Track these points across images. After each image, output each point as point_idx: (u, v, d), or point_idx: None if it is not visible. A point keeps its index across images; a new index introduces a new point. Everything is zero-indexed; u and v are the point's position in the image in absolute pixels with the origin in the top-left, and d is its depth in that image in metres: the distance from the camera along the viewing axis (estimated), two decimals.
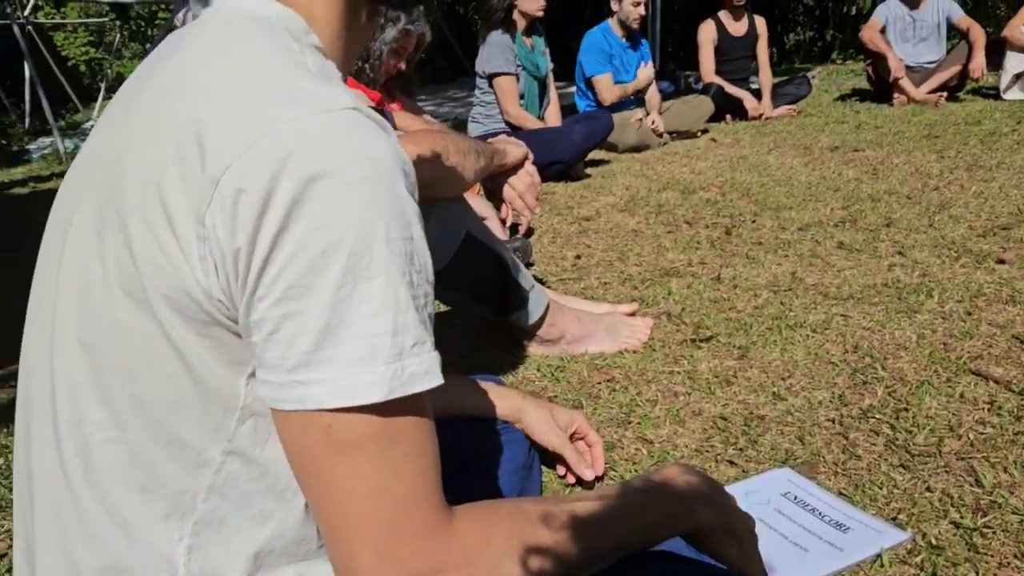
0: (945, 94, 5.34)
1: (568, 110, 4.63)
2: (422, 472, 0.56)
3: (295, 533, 0.64)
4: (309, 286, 0.52)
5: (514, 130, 3.83)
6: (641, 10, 4.56)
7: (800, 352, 1.69)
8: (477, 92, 3.94)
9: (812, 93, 6.38)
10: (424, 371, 0.55)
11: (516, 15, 3.78)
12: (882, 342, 1.71)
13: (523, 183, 1.74)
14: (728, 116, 5.37)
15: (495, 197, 1.78)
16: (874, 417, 1.40)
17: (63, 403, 0.63)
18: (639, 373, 1.67)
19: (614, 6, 4.63)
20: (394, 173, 0.56)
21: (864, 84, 6.10)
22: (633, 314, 1.94)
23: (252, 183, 0.53)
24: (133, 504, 0.61)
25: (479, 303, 1.71)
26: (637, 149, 4.49)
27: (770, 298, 2.01)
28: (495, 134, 3.74)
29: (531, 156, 1.78)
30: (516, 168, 1.75)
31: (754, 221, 2.76)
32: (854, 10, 9.74)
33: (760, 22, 5.58)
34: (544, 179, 3.73)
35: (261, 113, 0.55)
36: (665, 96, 7.96)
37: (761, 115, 5.28)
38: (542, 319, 1.74)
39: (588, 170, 3.96)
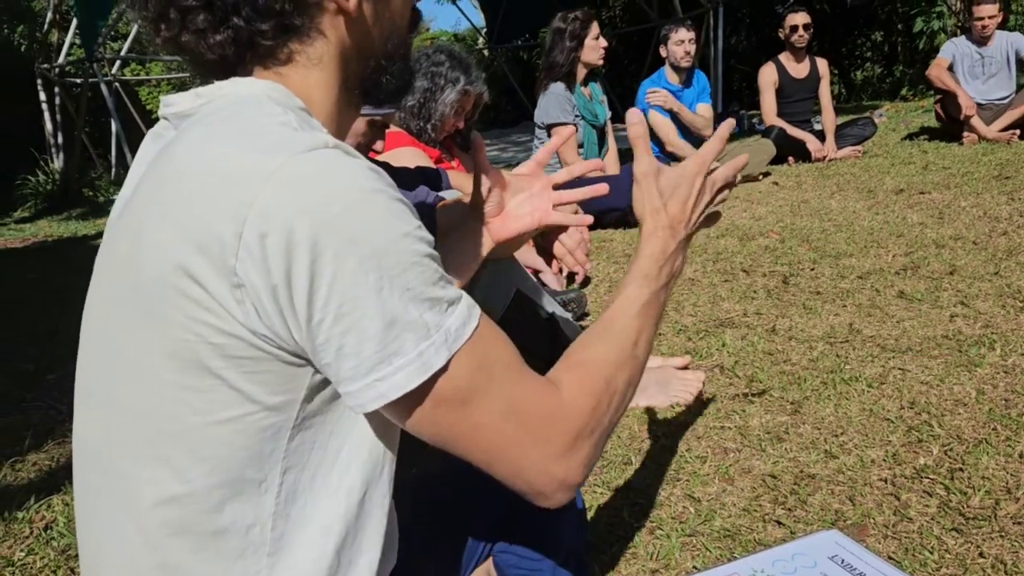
0: (1017, 132, 5.20)
1: (628, 154, 4.68)
2: (519, 373, 0.70)
3: (349, 525, 0.72)
4: (357, 298, 0.60)
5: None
6: (687, 47, 4.61)
7: (855, 408, 1.68)
8: (536, 142, 4.02)
9: (879, 132, 6.30)
10: (463, 322, 0.65)
11: (580, 65, 3.86)
12: (940, 398, 1.68)
13: (573, 240, 1.77)
14: (791, 158, 5.34)
15: (546, 253, 1.83)
16: (928, 477, 1.38)
17: (124, 468, 0.69)
18: (689, 428, 1.68)
19: (663, 52, 4.69)
20: (384, 185, 0.64)
21: (933, 122, 5.99)
22: (685, 367, 1.95)
23: (271, 226, 0.59)
24: (208, 552, 0.67)
25: (530, 356, 1.75)
26: None
27: (826, 350, 2.00)
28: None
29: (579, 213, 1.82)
30: (566, 226, 1.79)
31: (813, 269, 2.74)
32: (924, 45, 9.56)
33: (822, 63, 5.55)
34: (602, 226, 3.79)
35: (254, 168, 0.62)
36: (730, 138, 7.99)
37: (824, 157, 5.24)
38: None
39: None
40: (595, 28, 3.82)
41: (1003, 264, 2.54)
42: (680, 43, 4.61)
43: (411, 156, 2.37)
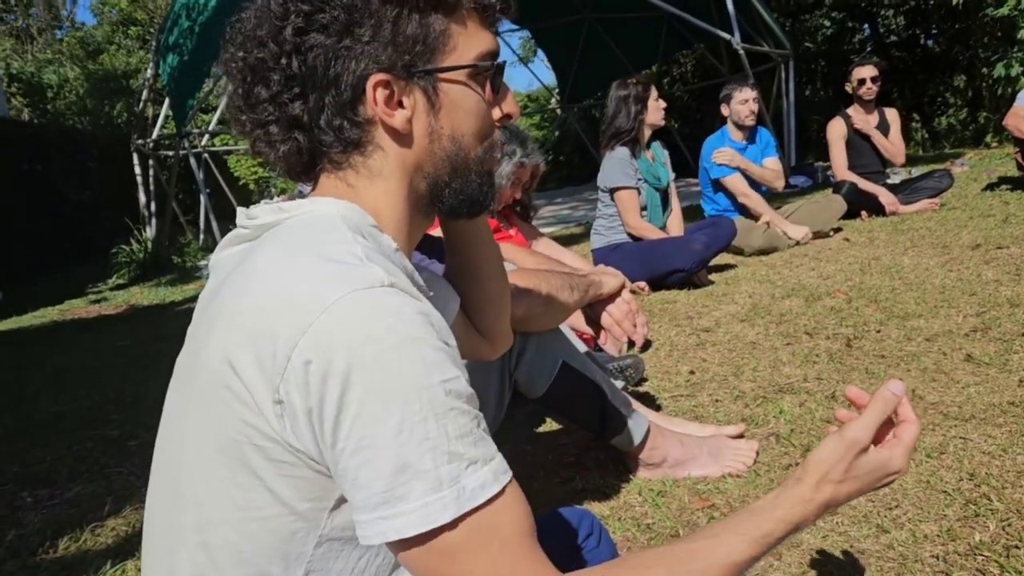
0: None
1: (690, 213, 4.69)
2: (523, 551, 0.68)
3: None
4: (375, 436, 0.64)
5: (635, 241, 3.93)
6: (752, 106, 4.62)
7: (911, 479, 1.64)
8: (599, 205, 4.08)
9: (959, 182, 6.15)
10: (481, 485, 0.66)
11: (644, 127, 3.92)
12: (1001, 469, 1.63)
13: (620, 311, 1.82)
14: (864, 213, 5.25)
15: (594, 323, 1.87)
16: (982, 555, 1.34)
17: (173, 546, 0.76)
18: (740, 500, 1.67)
19: (724, 111, 4.71)
20: (425, 331, 0.68)
21: (1016, 171, 5.82)
22: (740, 436, 1.95)
23: (316, 355, 0.65)
24: None
25: (579, 426, 1.78)
26: (765, 252, 4.46)
27: None
28: (617, 246, 3.86)
29: (628, 284, 1.86)
30: (614, 296, 1.83)
31: (879, 331, 2.69)
32: (1004, 91, 9.31)
33: (891, 113, 5.47)
34: (666, 287, 3.80)
35: (315, 297, 0.68)
36: (802, 191, 7.90)
37: (896, 211, 5.13)
38: (643, 443, 1.78)
39: (712, 276, 3.98)
40: (654, 90, 3.88)
41: None
42: (744, 102, 4.64)
43: None
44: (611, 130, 3.92)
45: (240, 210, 0.87)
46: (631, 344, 2.81)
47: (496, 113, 0.92)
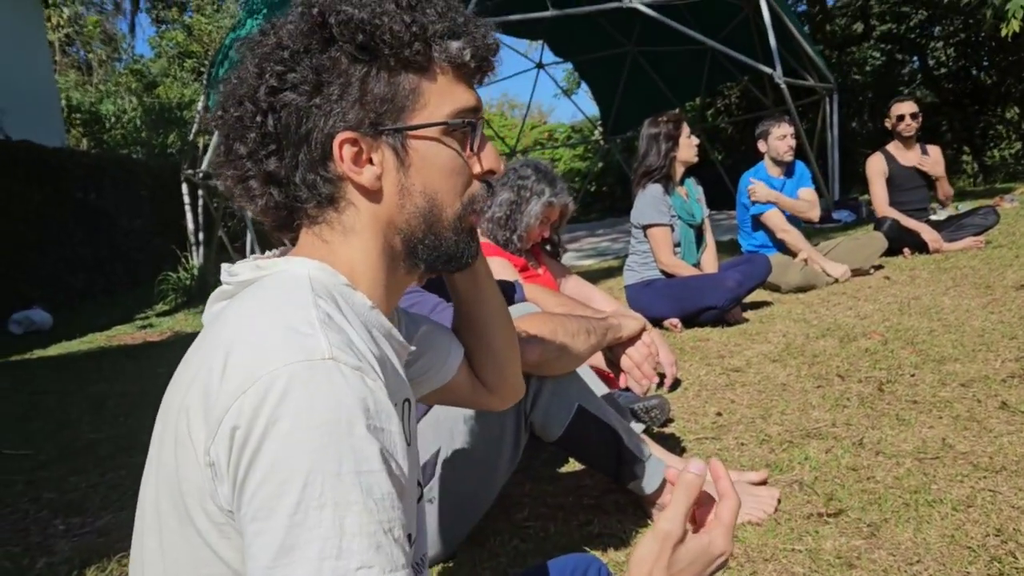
0: None
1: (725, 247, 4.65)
2: None
3: None
4: (271, 510, 0.64)
5: (668, 277, 3.91)
6: (790, 141, 4.59)
7: (935, 533, 1.60)
8: (632, 241, 4.07)
9: (1008, 219, 6.02)
10: None
11: (677, 164, 3.92)
12: None
13: (640, 354, 1.81)
14: (906, 250, 5.16)
15: (614, 366, 1.86)
16: None
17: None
18: (758, 549, 1.64)
19: (761, 147, 4.69)
20: (352, 416, 0.68)
21: None
22: (763, 482, 1.92)
23: (242, 421, 0.67)
24: None
25: (596, 470, 1.77)
26: (802, 289, 4.41)
27: (913, 468, 1.92)
28: (650, 282, 3.85)
29: (648, 327, 1.85)
30: (634, 339, 1.83)
31: (913, 375, 2.63)
32: None
33: (934, 151, 5.39)
34: (699, 324, 3.77)
35: (254, 364, 0.69)
36: (845, 226, 7.79)
37: (940, 248, 5.04)
38: (661, 488, 1.77)
39: (747, 314, 3.94)
40: (686, 127, 3.89)
41: None
42: (782, 137, 4.61)
43: (497, 265, 2.47)
44: (642, 168, 3.92)
45: (224, 266, 0.89)
46: (660, 383, 2.81)
47: (476, 168, 0.93)
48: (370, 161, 0.84)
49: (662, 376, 2.79)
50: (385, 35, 0.82)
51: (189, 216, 9.91)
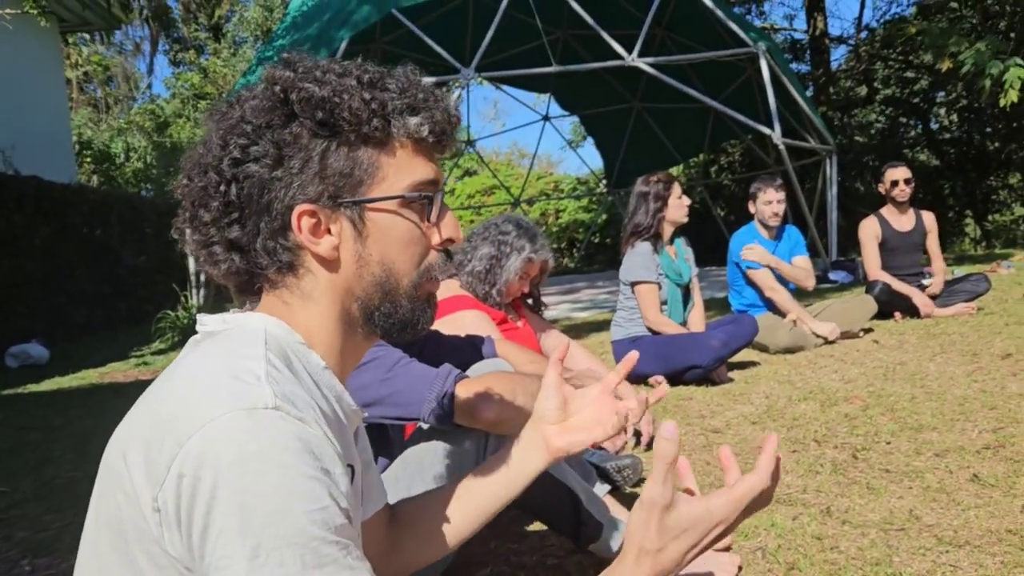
0: None
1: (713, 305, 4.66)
2: None
3: None
4: (232, 557, 0.67)
5: (655, 334, 3.92)
6: (775, 208, 4.63)
7: None
8: (620, 297, 4.10)
9: (1002, 285, 6.04)
10: None
11: (666, 224, 3.96)
12: None
13: None
14: (897, 314, 5.17)
15: None
16: None
17: None
18: None
19: (751, 208, 4.73)
20: (299, 459, 0.70)
21: None
22: (727, 548, 1.91)
23: (189, 469, 0.69)
24: None
25: (555, 531, 1.77)
26: (790, 351, 4.42)
27: (877, 539, 1.91)
28: (637, 339, 3.86)
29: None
30: None
31: (889, 443, 2.63)
32: None
33: (928, 217, 5.43)
34: (684, 383, 3.77)
35: (199, 412, 0.72)
36: (842, 287, 7.82)
37: (934, 304, 5.05)
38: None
39: (733, 373, 3.94)
40: (677, 188, 3.93)
41: None
42: (768, 203, 4.65)
43: (474, 319, 2.49)
44: (631, 226, 3.97)
45: (198, 316, 0.93)
46: (637, 442, 2.80)
47: (435, 238, 0.96)
48: (328, 232, 0.88)
49: (639, 435, 2.80)
50: (344, 112, 0.86)
51: (191, 256, 9.96)
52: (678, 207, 3.92)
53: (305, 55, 0.91)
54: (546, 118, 15.95)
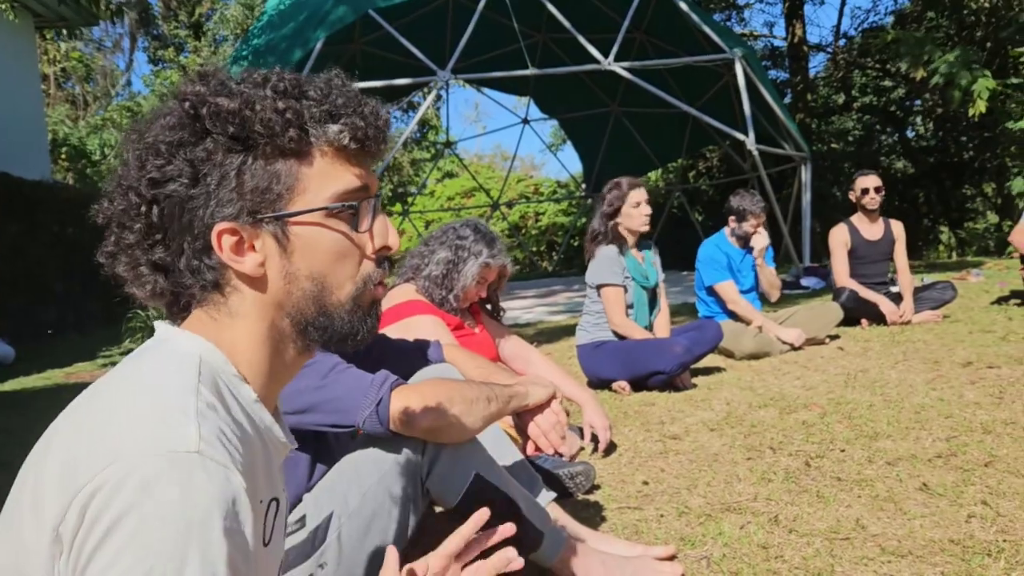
0: None
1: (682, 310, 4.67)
2: None
3: None
4: None
5: (620, 339, 3.92)
6: (644, 209, 4.61)
7: None
8: (586, 301, 4.09)
9: (969, 294, 6.10)
10: None
11: (623, 231, 3.96)
12: None
13: (547, 422, 1.82)
14: (864, 321, 5.20)
15: (522, 434, 1.86)
16: None
17: None
18: None
19: (732, 224, 4.72)
20: (207, 517, 0.68)
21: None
22: (672, 558, 1.90)
23: (93, 504, 0.67)
24: None
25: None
26: (756, 357, 4.43)
27: (822, 548, 1.91)
28: (601, 343, 3.86)
29: (559, 395, 1.86)
30: (543, 407, 1.83)
31: (843, 451, 2.63)
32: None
33: (896, 226, 5.46)
34: (647, 388, 3.77)
35: (115, 448, 0.70)
36: (813, 292, 7.87)
37: (900, 319, 5.09)
38: (562, 560, 1.75)
39: (696, 379, 3.94)
40: (635, 196, 3.89)
41: None
42: (756, 227, 4.66)
43: (429, 324, 2.47)
44: (590, 231, 3.98)
45: (156, 324, 0.90)
46: (595, 448, 2.79)
47: (370, 247, 0.93)
48: (252, 249, 0.85)
49: (596, 440, 2.79)
50: (257, 125, 0.83)
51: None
52: (633, 216, 3.90)
53: (221, 69, 0.89)
54: (525, 121, 15.97)
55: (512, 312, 8.34)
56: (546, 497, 1.93)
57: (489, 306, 2.92)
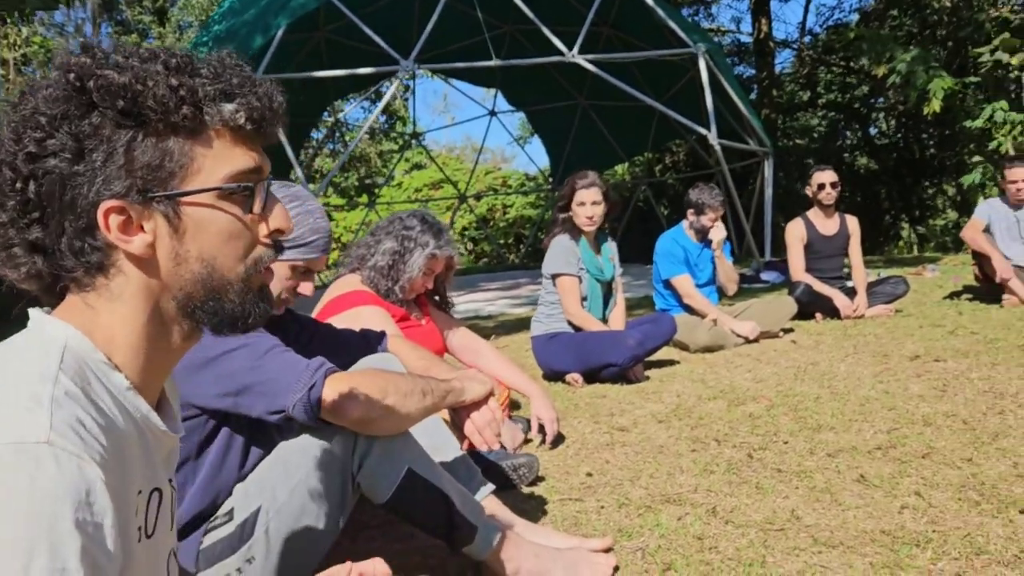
0: None
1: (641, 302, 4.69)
2: None
3: None
4: None
5: (576, 330, 3.93)
6: (588, 211, 4.63)
7: None
8: (542, 292, 4.09)
9: (922, 289, 6.19)
10: None
11: (572, 222, 3.97)
12: None
13: (483, 419, 1.81)
14: (818, 315, 5.26)
15: (458, 430, 1.85)
16: None
17: None
18: None
19: (690, 217, 4.75)
20: (56, 509, 0.65)
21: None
22: (608, 550, 1.90)
23: None
24: None
25: (427, 534, 1.74)
26: (710, 349, 4.46)
27: (756, 539, 1.92)
28: (555, 335, 3.86)
29: (496, 392, 1.85)
30: (479, 403, 1.82)
31: (786, 442, 2.66)
32: (975, 199, 9.47)
33: (852, 221, 5.53)
34: (599, 380, 3.78)
35: None
36: (773, 286, 7.94)
37: (854, 313, 5.16)
38: (496, 553, 1.74)
39: (650, 372, 3.96)
40: (581, 195, 3.88)
41: (982, 449, 2.42)
42: (712, 220, 4.68)
43: (372, 315, 2.45)
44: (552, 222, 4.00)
45: (31, 311, 0.87)
46: (543, 440, 2.79)
47: (263, 230, 0.92)
48: (141, 229, 0.82)
49: (544, 432, 2.79)
50: (148, 100, 0.80)
51: None
52: (577, 213, 3.89)
53: (103, 41, 0.86)
54: (492, 113, 15.93)
55: (474, 304, 8.34)
56: (484, 490, 1.92)
57: (437, 297, 2.90)
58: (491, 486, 1.97)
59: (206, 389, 1.54)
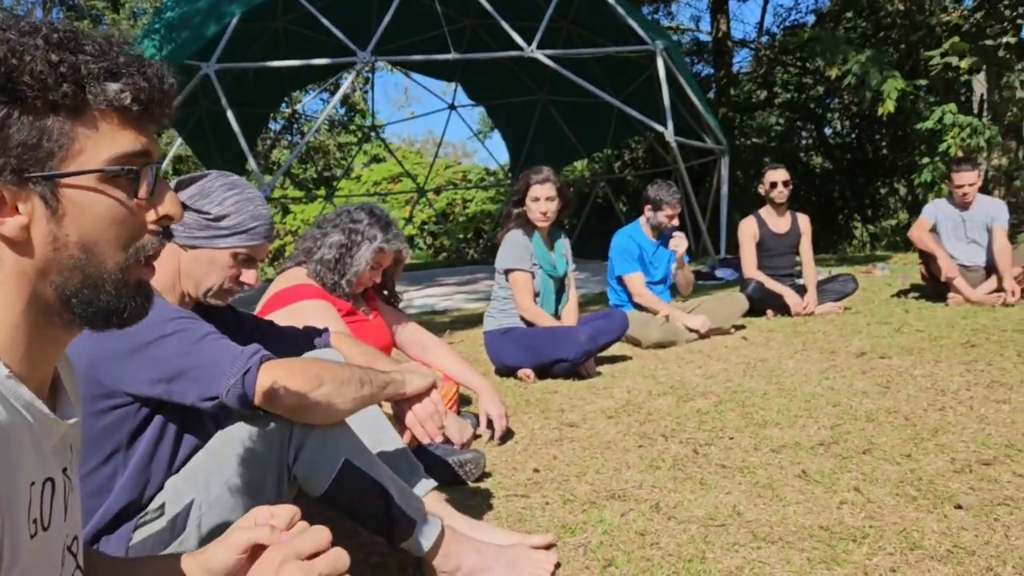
0: (1004, 296, 5.13)
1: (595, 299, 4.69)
2: None
3: None
4: None
5: (528, 325, 3.92)
6: (675, 222, 4.69)
7: None
8: (495, 287, 4.07)
9: (872, 287, 6.29)
10: None
11: (526, 217, 3.96)
12: None
13: (425, 411, 1.79)
14: (769, 312, 5.33)
15: (399, 423, 1.83)
16: None
17: None
18: None
19: (647, 213, 4.76)
20: None
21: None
22: (549, 546, 1.89)
23: None
24: None
25: (365, 528, 1.72)
26: (662, 345, 4.48)
27: (697, 535, 1.93)
28: (508, 330, 3.85)
29: (439, 385, 1.83)
30: (422, 396, 1.80)
31: (732, 438, 2.68)
32: (926, 197, 9.68)
33: (803, 219, 5.61)
34: (551, 376, 3.78)
35: None
36: (727, 283, 8.03)
37: (804, 310, 5.23)
38: (435, 549, 1.72)
39: (602, 367, 3.97)
40: (536, 191, 3.86)
41: (921, 445, 2.47)
42: (671, 217, 4.70)
43: (316, 310, 2.41)
44: (504, 214, 3.99)
45: None
46: (491, 436, 2.78)
47: (151, 216, 0.88)
48: (16, 210, 0.79)
49: (493, 428, 2.78)
50: (25, 76, 0.76)
51: None
52: (531, 208, 3.88)
53: None
54: (452, 107, 15.86)
55: (431, 299, 8.29)
56: (425, 485, 1.90)
57: (385, 292, 2.87)
58: (432, 482, 1.95)
59: (138, 375, 1.49)
